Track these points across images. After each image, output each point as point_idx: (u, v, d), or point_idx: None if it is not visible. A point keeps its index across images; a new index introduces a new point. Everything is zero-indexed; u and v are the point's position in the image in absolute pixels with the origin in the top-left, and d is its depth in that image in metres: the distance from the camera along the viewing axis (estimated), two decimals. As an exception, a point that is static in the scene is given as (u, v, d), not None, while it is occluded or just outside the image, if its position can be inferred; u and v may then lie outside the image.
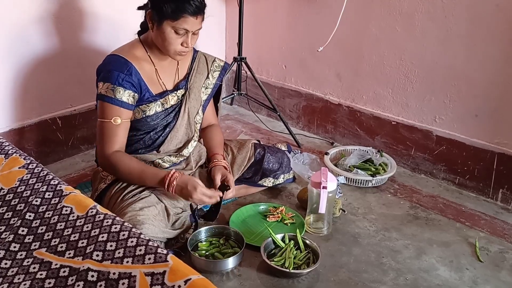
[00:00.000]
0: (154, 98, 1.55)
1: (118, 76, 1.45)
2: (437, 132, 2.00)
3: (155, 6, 1.43)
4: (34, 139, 1.98)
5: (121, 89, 1.45)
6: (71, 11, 1.95)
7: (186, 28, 1.43)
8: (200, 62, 1.69)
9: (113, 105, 1.46)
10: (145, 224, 1.35)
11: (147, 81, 1.53)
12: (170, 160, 1.64)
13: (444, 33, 1.87)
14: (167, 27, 1.43)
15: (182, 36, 1.45)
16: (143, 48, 1.55)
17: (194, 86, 1.65)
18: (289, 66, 2.53)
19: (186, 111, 1.63)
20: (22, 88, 1.90)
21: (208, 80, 1.70)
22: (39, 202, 1.06)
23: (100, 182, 1.58)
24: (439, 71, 1.93)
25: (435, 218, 1.77)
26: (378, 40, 2.09)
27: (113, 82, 1.45)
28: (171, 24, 1.42)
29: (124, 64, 1.47)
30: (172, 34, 1.43)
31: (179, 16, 1.40)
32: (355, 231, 1.67)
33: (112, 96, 1.45)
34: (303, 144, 2.36)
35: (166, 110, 1.59)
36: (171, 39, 1.44)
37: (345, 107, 2.31)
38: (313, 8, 2.29)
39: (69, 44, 2.00)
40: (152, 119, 1.56)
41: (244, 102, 2.75)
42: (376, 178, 1.92)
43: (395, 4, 1.98)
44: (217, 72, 1.73)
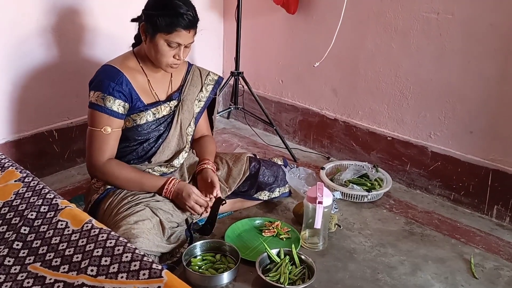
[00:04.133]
0: (146, 108, 1.57)
1: (108, 85, 1.48)
2: (432, 148, 2.01)
3: (149, 19, 1.46)
4: (30, 151, 1.98)
5: (111, 98, 1.47)
6: (69, 24, 1.97)
7: (179, 42, 1.46)
8: (194, 75, 1.72)
9: (103, 114, 1.48)
10: (139, 238, 1.34)
11: (139, 91, 1.55)
12: (161, 171, 1.65)
13: (439, 50, 1.89)
14: (160, 40, 1.45)
15: (175, 49, 1.48)
16: (136, 59, 1.58)
17: (187, 98, 1.68)
18: (286, 81, 2.54)
19: (179, 122, 1.66)
20: (18, 100, 1.90)
21: (202, 93, 1.73)
22: (34, 216, 1.06)
23: (93, 194, 1.57)
24: (434, 87, 1.95)
25: (430, 234, 1.77)
26: (374, 56, 2.11)
27: (103, 91, 1.47)
28: (164, 37, 1.45)
29: (115, 74, 1.50)
30: (165, 46, 1.46)
31: (172, 29, 1.43)
32: (350, 247, 1.67)
33: (102, 104, 1.47)
34: (299, 159, 2.36)
35: (158, 120, 1.61)
36: (163, 52, 1.47)
37: (341, 122, 2.32)
38: (310, 24, 2.31)
39: (67, 56, 2.01)
40: (143, 128, 1.57)
41: (241, 116, 2.76)
42: (372, 193, 1.92)
43: (390, 22, 2.01)
44: (210, 85, 1.76)
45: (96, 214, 1.54)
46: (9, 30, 1.80)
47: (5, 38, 1.80)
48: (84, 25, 2.02)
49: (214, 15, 2.67)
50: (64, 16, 1.94)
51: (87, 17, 2.02)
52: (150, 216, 1.47)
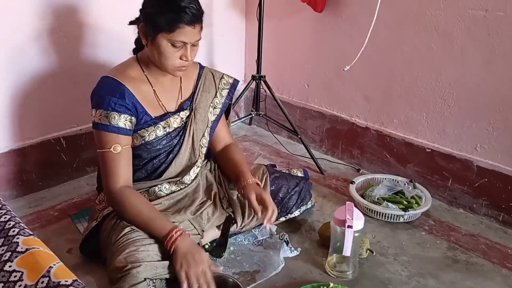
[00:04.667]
0: (154, 122, 1.41)
1: (110, 100, 1.32)
2: (478, 162, 1.78)
3: (147, 18, 1.30)
4: (36, 160, 1.86)
5: (115, 114, 1.32)
6: (76, 27, 1.84)
7: (184, 40, 1.29)
8: (207, 80, 1.55)
9: (109, 133, 1.32)
10: (143, 263, 1.20)
11: (144, 104, 1.39)
12: (169, 189, 1.49)
13: (487, 53, 1.68)
14: (162, 41, 1.29)
15: (180, 49, 1.31)
16: (139, 67, 1.41)
17: (200, 106, 1.51)
18: (312, 85, 2.36)
19: (191, 134, 1.49)
20: (24, 106, 1.79)
21: (217, 99, 1.56)
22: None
23: (93, 219, 1.44)
24: (482, 94, 1.73)
25: (477, 262, 1.55)
26: (411, 59, 1.90)
27: (105, 108, 1.32)
28: (167, 36, 1.28)
29: (116, 87, 1.34)
30: (169, 47, 1.29)
31: (175, 27, 1.26)
32: (384, 276, 1.46)
33: (107, 123, 1.32)
34: (326, 170, 2.17)
35: (169, 134, 1.45)
36: (168, 54, 1.30)
37: (373, 131, 2.12)
38: (339, 23, 2.13)
39: (74, 60, 1.88)
40: (153, 145, 1.41)
41: (263, 122, 2.59)
42: (409, 212, 1.71)
43: (430, 20, 1.80)
44: (225, 90, 1.58)
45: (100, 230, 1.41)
46: (12, 33, 1.69)
47: (8, 41, 1.68)
48: (92, 27, 1.89)
49: (235, 15, 2.52)
50: (71, 19, 1.82)
51: (95, 19, 1.89)
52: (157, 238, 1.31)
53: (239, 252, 1.53)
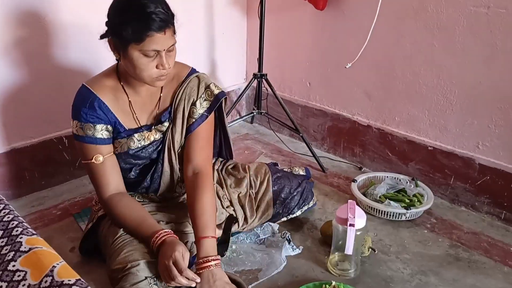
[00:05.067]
0: (128, 133, 1.35)
1: (81, 111, 1.29)
2: (480, 160, 1.78)
3: (114, 31, 1.21)
4: (38, 159, 1.86)
5: (89, 125, 1.29)
6: (76, 23, 1.83)
7: (156, 48, 1.18)
8: (189, 87, 1.39)
9: (88, 144, 1.30)
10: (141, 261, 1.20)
11: (118, 114, 1.33)
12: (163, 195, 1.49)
13: (489, 50, 1.66)
14: (133, 52, 1.18)
15: (155, 58, 1.20)
16: (116, 77, 1.34)
17: (177, 116, 1.39)
18: (314, 83, 2.35)
19: (170, 147, 1.41)
20: (25, 106, 1.78)
21: (194, 108, 1.38)
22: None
23: (90, 220, 1.45)
24: (483, 91, 1.72)
25: (479, 260, 1.54)
26: (413, 56, 1.89)
27: (79, 119, 1.29)
28: (137, 47, 1.17)
29: (87, 98, 1.29)
30: (142, 58, 1.19)
31: (143, 36, 1.15)
32: (386, 274, 1.46)
33: (83, 134, 1.29)
34: (328, 168, 2.16)
35: (145, 148, 1.38)
36: (142, 65, 1.20)
37: (375, 129, 2.11)
38: (340, 21, 2.11)
39: (76, 57, 1.87)
40: (127, 156, 1.37)
41: (265, 120, 2.58)
42: (411, 210, 1.71)
43: (432, 17, 1.79)
44: (207, 101, 1.40)
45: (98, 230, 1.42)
46: (16, 29, 1.68)
47: (8, 36, 1.67)
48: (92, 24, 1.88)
49: (236, 13, 2.51)
50: (70, 14, 1.81)
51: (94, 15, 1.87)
52: None
53: (241, 251, 1.53)
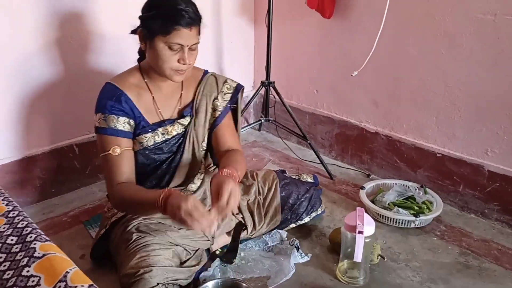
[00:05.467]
0: (151, 128, 1.41)
1: (106, 104, 1.34)
2: (489, 166, 1.77)
3: (144, 23, 1.31)
4: (49, 167, 1.88)
5: (113, 117, 1.33)
6: (87, 34, 1.87)
7: (180, 42, 1.28)
8: (208, 84, 1.52)
9: (108, 136, 1.34)
10: (154, 267, 1.21)
11: (142, 110, 1.40)
12: None
13: (496, 56, 1.66)
14: (159, 43, 1.28)
15: (178, 52, 1.30)
16: (140, 74, 1.42)
17: (199, 111, 1.49)
18: (321, 90, 2.36)
19: (191, 141, 1.49)
20: (36, 114, 1.81)
21: (217, 101, 1.51)
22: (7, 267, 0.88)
23: (102, 226, 1.45)
24: (491, 98, 1.71)
25: (489, 268, 1.53)
26: (419, 63, 1.89)
27: (103, 112, 1.34)
28: (164, 39, 1.27)
29: (113, 91, 1.36)
30: (166, 50, 1.29)
31: (171, 28, 1.25)
32: (396, 282, 1.46)
33: (105, 126, 1.33)
34: (336, 175, 2.16)
35: (168, 140, 1.44)
36: (165, 56, 1.29)
37: (382, 136, 2.11)
38: (347, 29, 2.13)
39: (87, 68, 1.90)
40: (152, 151, 1.42)
41: (273, 128, 2.59)
42: (420, 218, 1.70)
43: (438, 24, 1.79)
44: (228, 94, 1.54)
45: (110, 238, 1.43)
46: (23, 40, 1.71)
47: (19, 49, 1.71)
48: (103, 34, 1.91)
49: (244, 22, 2.53)
50: (80, 25, 1.84)
51: (106, 25, 1.91)
52: (168, 245, 1.33)
53: (249, 258, 1.53)
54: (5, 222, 1.00)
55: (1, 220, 1.01)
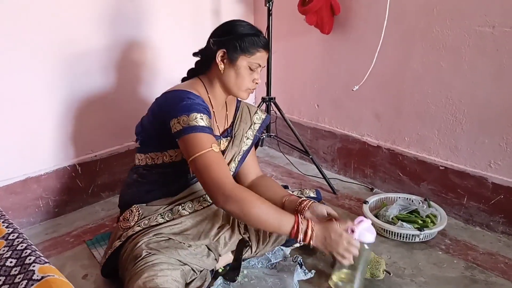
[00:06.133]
0: None
1: (199, 105, 1.35)
2: (493, 179, 1.75)
3: (230, 43, 1.41)
4: (53, 187, 1.89)
5: (206, 117, 1.35)
6: (89, 54, 1.89)
7: (260, 63, 1.44)
8: (244, 112, 1.65)
9: (207, 134, 1.32)
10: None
11: None
12: (192, 207, 1.47)
13: (496, 68, 1.67)
14: (242, 63, 1.42)
15: (254, 72, 1.45)
16: (204, 88, 1.49)
17: (238, 134, 1.59)
18: (322, 105, 2.37)
19: (227, 158, 1.54)
20: (39, 134, 1.82)
21: (250, 131, 1.64)
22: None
23: (116, 238, 1.43)
24: (493, 110, 1.71)
25: (497, 282, 1.51)
26: (420, 76, 1.90)
27: (198, 111, 1.33)
28: (247, 59, 1.41)
29: (197, 96, 1.39)
30: (247, 70, 1.43)
31: (255, 50, 1.41)
32: (402, 298, 1.44)
33: (203, 125, 1.32)
34: (339, 190, 2.16)
35: None
36: (245, 75, 1.43)
37: (385, 149, 2.11)
38: (347, 44, 2.14)
39: (91, 87, 1.92)
40: None
41: (275, 143, 2.60)
42: (425, 232, 1.68)
43: (438, 38, 1.80)
44: (258, 124, 1.66)
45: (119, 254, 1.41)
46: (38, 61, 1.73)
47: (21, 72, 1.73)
48: (110, 54, 1.94)
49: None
50: (86, 47, 1.86)
51: (114, 46, 1.93)
52: (177, 264, 1.31)
53: (252, 276, 1.52)
54: (4, 245, 1.00)
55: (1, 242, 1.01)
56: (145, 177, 1.49)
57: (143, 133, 1.50)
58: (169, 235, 1.39)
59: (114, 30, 1.92)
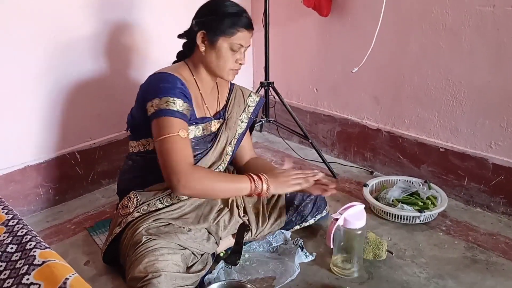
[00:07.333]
0: (196, 121, 1.45)
1: (174, 88, 1.35)
2: (494, 159, 1.75)
3: (208, 25, 1.40)
4: (52, 175, 1.88)
5: (180, 101, 1.34)
6: (90, 42, 1.87)
7: (242, 43, 1.41)
8: (237, 94, 1.64)
9: (176, 118, 1.32)
10: (162, 273, 1.21)
11: (193, 101, 1.44)
12: None
13: (497, 48, 1.65)
14: (223, 44, 1.39)
15: (236, 53, 1.42)
16: (189, 70, 1.48)
17: (231, 117, 1.58)
18: (321, 89, 2.35)
19: (221, 140, 1.53)
20: (36, 123, 1.81)
21: (244, 114, 1.63)
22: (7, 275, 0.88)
23: (116, 225, 1.43)
24: (493, 91, 1.70)
25: (498, 262, 1.52)
26: (419, 58, 1.88)
27: (171, 95, 1.33)
28: (228, 40, 1.39)
29: (177, 78, 1.38)
30: (228, 51, 1.41)
31: (236, 30, 1.38)
32: (403, 279, 1.44)
33: (174, 108, 1.32)
34: (339, 174, 2.15)
35: (205, 137, 1.48)
36: (227, 56, 1.41)
37: (384, 132, 2.10)
38: (345, 27, 2.12)
39: (86, 74, 1.90)
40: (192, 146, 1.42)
41: (274, 128, 2.59)
42: (425, 213, 1.68)
43: (437, 19, 1.79)
44: (252, 107, 1.66)
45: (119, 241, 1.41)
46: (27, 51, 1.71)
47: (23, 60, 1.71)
48: (108, 42, 1.92)
49: (242, 23, 2.52)
50: (86, 34, 1.84)
51: (112, 34, 1.91)
52: (177, 249, 1.32)
53: (254, 259, 1.53)
54: (5, 231, 1.00)
55: (1, 229, 1.01)
56: (140, 163, 1.49)
57: (132, 121, 1.50)
58: (168, 220, 1.39)
59: (108, 16, 1.90)
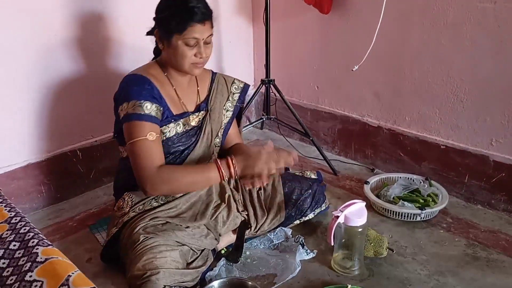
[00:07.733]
0: (174, 118, 1.45)
1: (141, 91, 1.36)
2: (494, 157, 1.75)
3: (161, 23, 1.38)
4: (54, 172, 1.89)
5: (148, 103, 1.35)
6: (90, 37, 1.87)
7: (196, 37, 1.35)
8: (219, 84, 1.61)
9: (144, 122, 1.34)
10: (161, 270, 1.22)
11: (167, 99, 1.44)
12: None
13: (498, 45, 1.65)
14: (177, 41, 1.36)
15: (194, 47, 1.37)
16: (159, 68, 1.47)
17: (214, 107, 1.57)
18: (322, 86, 2.35)
19: (206, 133, 1.53)
20: (38, 120, 1.82)
21: (229, 102, 1.62)
22: (10, 272, 0.89)
23: (113, 225, 1.45)
24: (494, 87, 1.70)
25: (498, 259, 1.52)
26: (421, 54, 1.88)
27: (138, 98, 1.35)
28: (180, 37, 1.35)
29: (141, 80, 1.39)
30: (183, 47, 1.36)
31: (185, 26, 1.33)
32: (403, 276, 1.45)
33: (141, 112, 1.34)
34: (340, 171, 2.16)
35: (188, 132, 1.48)
36: (183, 52, 1.37)
37: (385, 129, 2.10)
38: (346, 24, 2.11)
39: (88, 71, 1.90)
40: (173, 141, 1.44)
41: (275, 126, 2.59)
42: (426, 211, 1.69)
43: (439, 14, 1.78)
44: (237, 94, 1.64)
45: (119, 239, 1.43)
46: (26, 46, 1.72)
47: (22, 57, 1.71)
48: (107, 37, 1.92)
49: (242, 20, 2.52)
50: (85, 29, 1.85)
51: (109, 29, 1.91)
52: (175, 245, 1.33)
53: (255, 257, 1.53)
54: (7, 228, 1.00)
55: (4, 226, 1.02)
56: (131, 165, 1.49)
57: (115, 127, 1.51)
58: (165, 219, 1.41)
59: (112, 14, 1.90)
